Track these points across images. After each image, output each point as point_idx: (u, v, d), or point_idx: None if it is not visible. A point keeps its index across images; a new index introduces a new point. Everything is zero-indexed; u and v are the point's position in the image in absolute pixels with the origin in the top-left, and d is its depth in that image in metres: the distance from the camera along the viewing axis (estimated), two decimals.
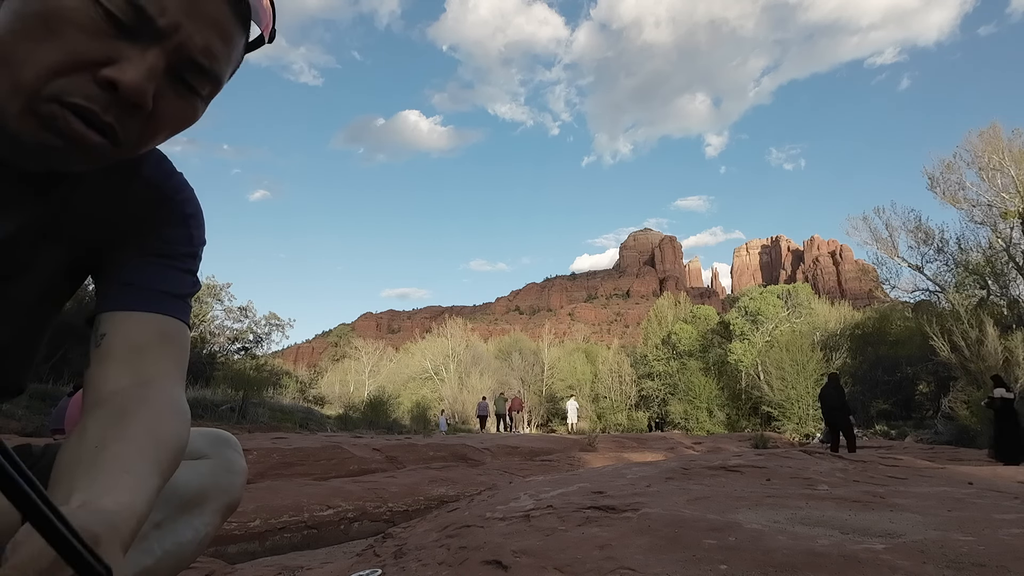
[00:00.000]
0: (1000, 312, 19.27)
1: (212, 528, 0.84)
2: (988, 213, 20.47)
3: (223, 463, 0.87)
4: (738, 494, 2.27)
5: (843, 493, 2.28)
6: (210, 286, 19.66)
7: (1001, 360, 16.65)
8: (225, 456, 0.89)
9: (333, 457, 5.85)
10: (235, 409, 13.34)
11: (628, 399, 37.58)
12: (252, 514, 3.55)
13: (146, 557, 0.74)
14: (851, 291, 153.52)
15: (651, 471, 3.09)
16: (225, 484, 0.86)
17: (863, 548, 1.41)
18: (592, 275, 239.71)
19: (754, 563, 1.34)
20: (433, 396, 38.15)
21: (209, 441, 0.89)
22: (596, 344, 56.36)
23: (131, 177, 0.73)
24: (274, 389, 20.41)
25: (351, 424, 18.46)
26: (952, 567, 1.28)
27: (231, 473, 0.88)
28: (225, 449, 0.90)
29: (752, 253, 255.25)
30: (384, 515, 4.30)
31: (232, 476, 0.88)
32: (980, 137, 20.50)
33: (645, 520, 1.80)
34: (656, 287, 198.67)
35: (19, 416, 7.50)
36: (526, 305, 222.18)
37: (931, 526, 1.67)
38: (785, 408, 26.58)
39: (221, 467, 0.87)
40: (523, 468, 7.16)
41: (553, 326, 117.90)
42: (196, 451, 0.86)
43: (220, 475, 0.86)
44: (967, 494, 2.27)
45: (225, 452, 0.89)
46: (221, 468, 0.86)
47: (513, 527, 1.89)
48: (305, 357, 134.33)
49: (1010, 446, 9.11)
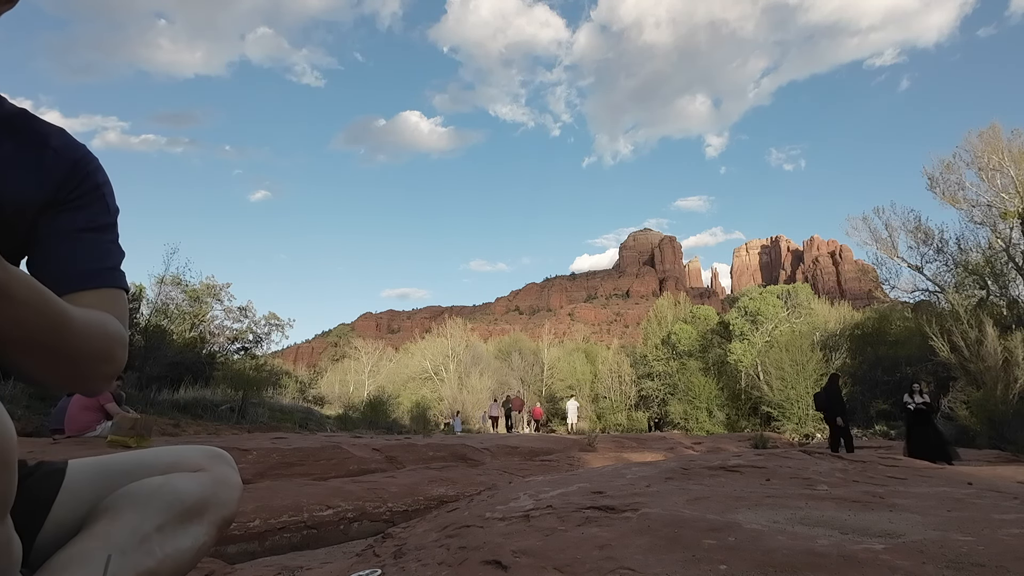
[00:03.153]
0: (1000, 312, 19.27)
1: (209, 539, 0.86)
2: (988, 213, 20.47)
3: (220, 478, 0.90)
4: (738, 494, 2.27)
5: (843, 493, 2.28)
6: (210, 286, 19.64)
7: (1001, 360, 16.65)
8: (222, 471, 0.92)
9: (333, 457, 5.85)
10: (235, 409, 13.33)
11: (628, 399, 37.58)
12: (252, 514, 3.55)
13: (148, 559, 0.76)
14: (851, 291, 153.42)
15: (651, 471, 3.09)
16: (223, 498, 0.88)
17: (863, 548, 1.41)
18: (592, 275, 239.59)
19: (754, 563, 1.34)
20: (433, 396, 38.16)
21: (206, 457, 0.92)
22: (596, 344, 56.34)
23: (42, 148, 0.78)
24: (274, 389, 20.39)
25: (351, 424, 18.45)
26: (952, 567, 1.28)
27: (228, 488, 0.90)
28: (221, 465, 0.93)
29: (752, 253, 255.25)
30: (384, 515, 4.30)
31: (229, 491, 0.90)
32: (980, 137, 20.51)
33: (645, 520, 1.80)
34: (656, 287, 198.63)
35: (19, 416, 7.50)
36: (526, 305, 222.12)
37: (931, 526, 1.67)
38: (785, 408, 26.58)
39: (219, 481, 0.89)
40: (523, 468, 7.16)
41: (553, 326, 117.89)
42: (195, 464, 0.90)
43: (219, 488, 0.88)
44: (967, 494, 2.27)
45: (221, 468, 0.92)
46: (219, 482, 0.89)
47: (513, 527, 1.89)
48: (305, 357, 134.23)
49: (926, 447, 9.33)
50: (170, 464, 0.88)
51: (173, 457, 0.90)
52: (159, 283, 17.23)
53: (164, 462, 0.88)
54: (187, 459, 0.90)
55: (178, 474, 0.86)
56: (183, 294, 17.87)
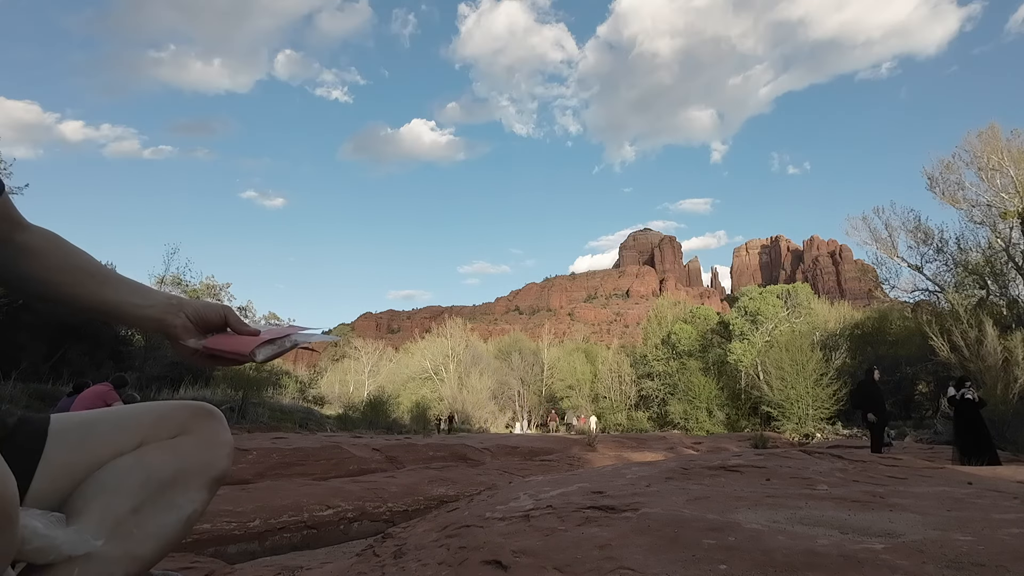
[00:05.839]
0: (999, 312, 19.26)
1: (200, 504, 0.84)
2: (987, 213, 20.46)
3: (205, 437, 0.87)
4: (738, 494, 2.27)
5: (842, 493, 2.28)
6: (210, 286, 19.66)
7: (1000, 360, 16.65)
8: (208, 430, 0.88)
9: (333, 457, 5.85)
10: (235, 409, 13.34)
11: (628, 399, 37.60)
12: (252, 514, 3.54)
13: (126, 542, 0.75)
14: (851, 291, 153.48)
15: (651, 471, 3.09)
16: (208, 458, 0.86)
17: (863, 548, 1.41)
18: (592, 275, 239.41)
19: (754, 563, 1.34)
20: (433, 396, 38.18)
21: (190, 414, 0.89)
22: (596, 344, 56.34)
23: None
24: (274, 389, 20.41)
25: (351, 424, 18.46)
26: (952, 567, 1.28)
27: (214, 446, 0.87)
28: (207, 422, 0.89)
29: (752, 253, 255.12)
30: (384, 515, 4.29)
31: (216, 449, 0.87)
32: (979, 137, 20.50)
33: (645, 520, 1.80)
34: (656, 287, 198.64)
35: (19, 416, 7.50)
36: (526, 305, 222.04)
37: (931, 526, 1.67)
38: (785, 408, 26.59)
39: (203, 442, 0.86)
40: (522, 468, 7.16)
41: (553, 326, 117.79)
42: (176, 426, 0.86)
43: (203, 450, 0.85)
44: (967, 494, 2.27)
45: (208, 425, 0.89)
46: (203, 443, 0.86)
47: (513, 527, 1.89)
48: (305, 357, 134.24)
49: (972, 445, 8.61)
50: (151, 425, 0.85)
51: (154, 416, 0.86)
52: (159, 283, 17.24)
53: (145, 422, 0.85)
54: (168, 420, 0.86)
55: (151, 447, 0.83)
56: (183, 294, 17.88)
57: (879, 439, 9.35)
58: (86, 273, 0.85)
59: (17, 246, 0.82)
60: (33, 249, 0.83)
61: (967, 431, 8.94)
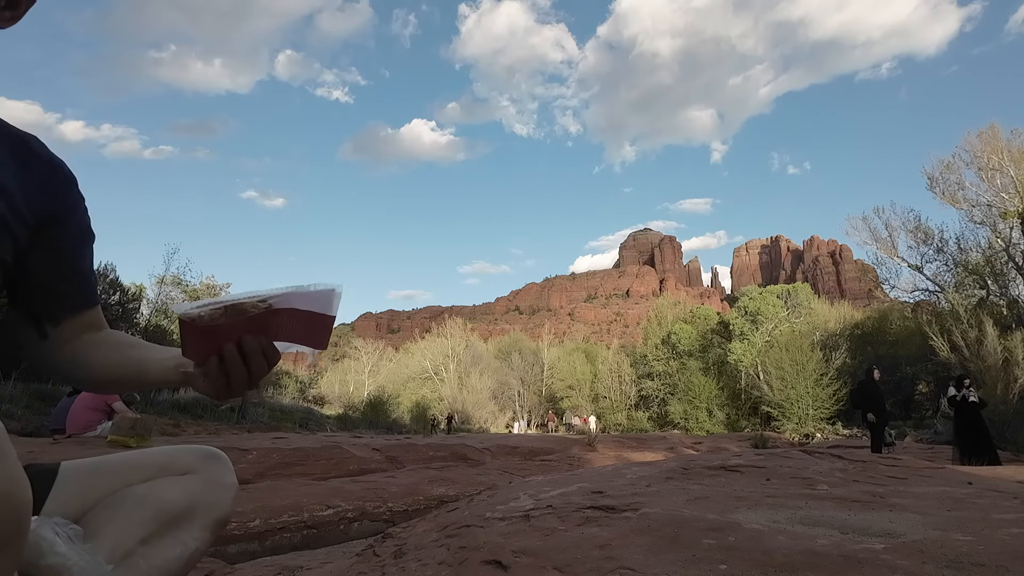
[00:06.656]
0: (1000, 312, 19.27)
1: (202, 543, 0.85)
2: (987, 213, 20.47)
3: (212, 478, 0.89)
4: (738, 494, 2.27)
5: (843, 493, 2.28)
6: (209, 286, 19.67)
7: (1000, 360, 16.65)
8: (214, 471, 0.90)
9: (333, 457, 5.85)
10: (235, 409, 13.34)
11: (628, 399, 37.61)
12: (252, 514, 3.54)
13: (133, 572, 0.76)
14: (851, 291, 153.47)
15: (651, 471, 3.09)
16: (214, 500, 0.87)
17: (863, 548, 1.41)
18: (592, 275, 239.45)
19: (754, 563, 1.34)
20: (433, 396, 38.20)
21: (198, 457, 0.91)
22: (596, 344, 56.33)
23: (30, 156, 0.82)
24: (274, 389, 20.43)
25: (351, 424, 18.47)
26: (952, 567, 1.28)
27: (220, 488, 0.89)
28: (214, 464, 0.91)
29: (752, 253, 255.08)
30: (384, 515, 4.30)
31: (221, 491, 0.89)
32: (979, 137, 20.51)
33: (645, 520, 1.80)
34: (656, 287, 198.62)
35: (19, 416, 7.49)
36: (526, 305, 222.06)
37: (931, 526, 1.67)
38: (785, 408, 26.59)
39: (210, 482, 0.88)
40: (523, 468, 7.15)
41: (553, 326, 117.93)
42: (185, 466, 0.88)
43: (209, 490, 0.87)
44: (967, 494, 2.27)
45: (214, 467, 0.90)
46: (210, 483, 0.88)
47: (513, 527, 1.89)
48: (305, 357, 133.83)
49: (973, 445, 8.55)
50: (160, 465, 0.88)
51: (163, 458, 0.89)
52: (159, 283, 17.25)
53: (154, 464, 0.88)
54: (177, 461, 0.89)
55: (163, 480, 0.85)
56: (183, 294, 17.91)
57: (879, 439, 9.41)
58: (127, 346, 0.92)
59: (89, 340, 0.89)
60: (107, 342, 0.90)
61: (967, 431, 8.94)
